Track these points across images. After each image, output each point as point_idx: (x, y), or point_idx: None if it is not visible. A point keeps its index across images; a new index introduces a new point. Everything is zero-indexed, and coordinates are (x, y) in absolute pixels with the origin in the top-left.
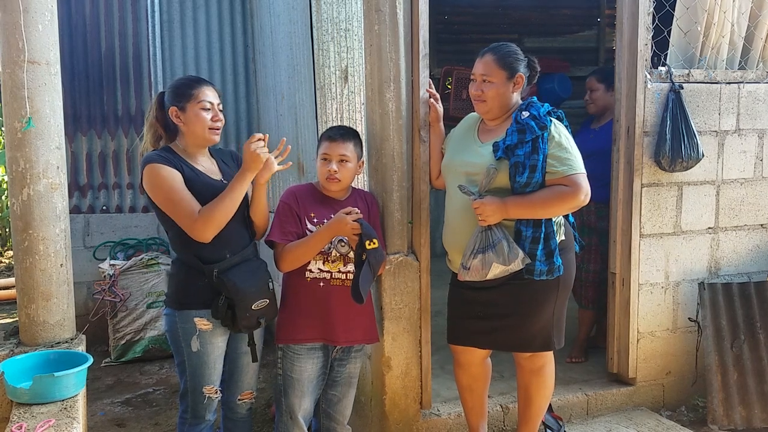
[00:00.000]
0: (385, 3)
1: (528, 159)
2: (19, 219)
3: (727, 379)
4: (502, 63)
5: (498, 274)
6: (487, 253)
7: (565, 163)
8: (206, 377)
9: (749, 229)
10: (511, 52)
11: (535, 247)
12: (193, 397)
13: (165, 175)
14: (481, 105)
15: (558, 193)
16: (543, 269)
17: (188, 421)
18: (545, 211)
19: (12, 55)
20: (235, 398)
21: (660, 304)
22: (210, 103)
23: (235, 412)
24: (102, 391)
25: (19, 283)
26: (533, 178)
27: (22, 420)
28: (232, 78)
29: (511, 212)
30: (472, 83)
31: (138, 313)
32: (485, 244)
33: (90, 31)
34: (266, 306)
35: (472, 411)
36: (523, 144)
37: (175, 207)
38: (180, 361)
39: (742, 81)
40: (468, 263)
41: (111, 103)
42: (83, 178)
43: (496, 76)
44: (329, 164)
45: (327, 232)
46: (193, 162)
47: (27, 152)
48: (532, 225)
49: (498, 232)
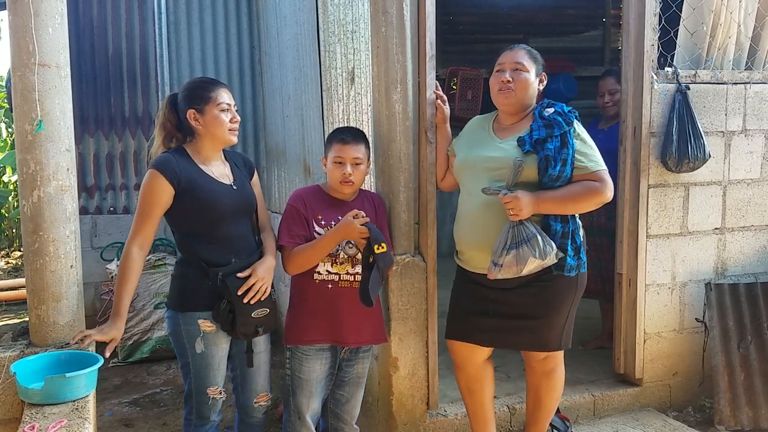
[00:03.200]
0: (392, 5)
1: (559, 153)
2: (30, 221)
3: (734, 380)
4: (533, 57)
5: (533, 269)
6: (522, 249)
7: (591, 159)
8: (210, 378)
9: (756, 230)
10: (537, 52)
11: (566, 242)
12: (198, 398)
13: (154, 187)
14: (507, 95)
15: (588, 188)
16: (573, 264)
17: (193, 423)
18: (575, 206)
19: (23, 58)
20: (251, 402)
21: (667, 304)
22: (227, 104)
23: (251, 416)
24: (110, 392)
25: (30, 284)
26: (564, 173)
27: (34, 420)
28: (239, 79)
29: (543, 206)
30: (500, 72)
31: (145, 314)
32: (519, 239)
33: (97, 33)
34: (266, 315)
35: (475, 416)
36: (553, 138)
37: (138, 219)
38: (184, 363)
39: (748, 81)
40: (500, 260)
41: (118, 105)
42: (91, 179)
43: (528, 66)
44: (344, 167)
45: (335, 235)
46: (205, 164)
47: (37, 154)
48: (561, 220)
49: (531, 227)
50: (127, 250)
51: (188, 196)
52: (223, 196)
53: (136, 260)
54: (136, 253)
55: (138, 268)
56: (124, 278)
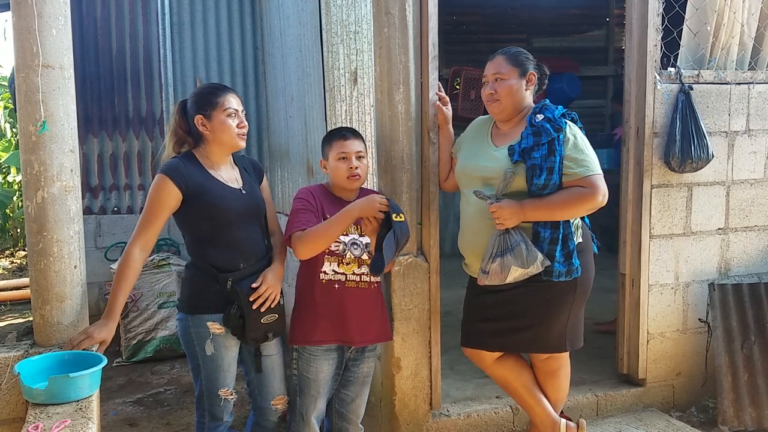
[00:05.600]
0: (395, 6)
1: (545, 161)
2: (34, 221)
3: (737, 380)
4: (513, 61)
5: (517, 277)
6: (506, 257)
7: (581, 165)
8: (221, 380)
9: (759, 230)
10: (521, 52)
11: (554, 248)
12: (209, 400)
13: (161, 191)
14: (494, 105)
15: (575, 194)
16: (561, 270)
17: (206, 425)
18: (563, 213)
19: (26, 60)
20: (268, 404)
21: (670, 304)
22: (235, 110)
23: (266, 418)
24: (114, 391)
25: (34, 284)
26: (551, 180)
27: (38, 420)
28: (242, 80)
29: (529, 215)
30: (485, 86)
31: (149, 314)
32: (503, 247)
33: (101, 33)
34: (275, 321)
35: (522, 406)
36: (539, 146)
37: (143, 221)
38: (195, 365)
39: (752, 81)
40: (487, 267)
41: (122, 105)
42: (94, 179)
43: (508, 73)
44: (349, 162)
45: (356, 211)
46: (214, 169)
47: (41, 155)
48: (550, 226)
49: (516, 236)
50: (128, 250)
51: (197, 200)
52: (232, 200)
53: (136, 261)
54: (137, 255)
55: (137, 269)
56: (123, 278)
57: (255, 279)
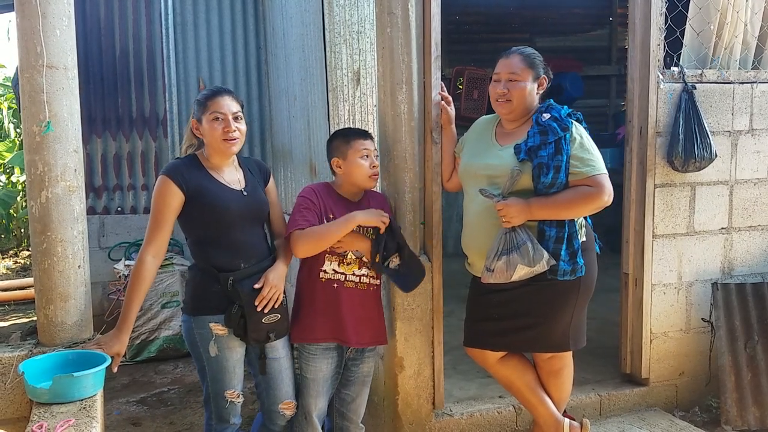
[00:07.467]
0: (398, 6)
1: (552, 160)
2: (38, 221)
3: (740, 380)
4: (529, 62)
5: (523, 275)
6: (512, 255)
7: (587, 164)
8: (227, 382)
9: (763, 229)
10: (536, 54)
11: (559, 246)
12: (216, 402)
13: (164, 193)
14: (505, 105)
15: (582, 193)
16: (566, 269)
17: (214, 428)
18: (569, 212)
19: (30, 60)
20: (276, 407)
21: (673, 304)
22: (222, 113)
23: (274, 422)
24: (117, 391)
25: (38, 284)
26: (558, 179)
27: (43, 419)
28: (245, 80)
29: (535, 213)
30: (495, 83)
31: (153, 313)
32: (510, 245)
33: (104, 33)
34: (277, 321)
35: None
36: (546, 145)
37: (151, 227)
38: (201, 367)
39: (755, 81)
40: (492, 265)
41: (125, 105)
42: (98, 179)
43: (524, 75)
44: (372, 159)
45: (359, 219)
46: (216, 171)
47: (45, 155)
48: (556, 225)
49: (522, 234)
50: (141, 257)
51: (197, 201)
52: (232, 201)
53: (149, 269)
54: (150, 262)
55: (151, 277)
56: (136, 286)
57: (256, 279)
